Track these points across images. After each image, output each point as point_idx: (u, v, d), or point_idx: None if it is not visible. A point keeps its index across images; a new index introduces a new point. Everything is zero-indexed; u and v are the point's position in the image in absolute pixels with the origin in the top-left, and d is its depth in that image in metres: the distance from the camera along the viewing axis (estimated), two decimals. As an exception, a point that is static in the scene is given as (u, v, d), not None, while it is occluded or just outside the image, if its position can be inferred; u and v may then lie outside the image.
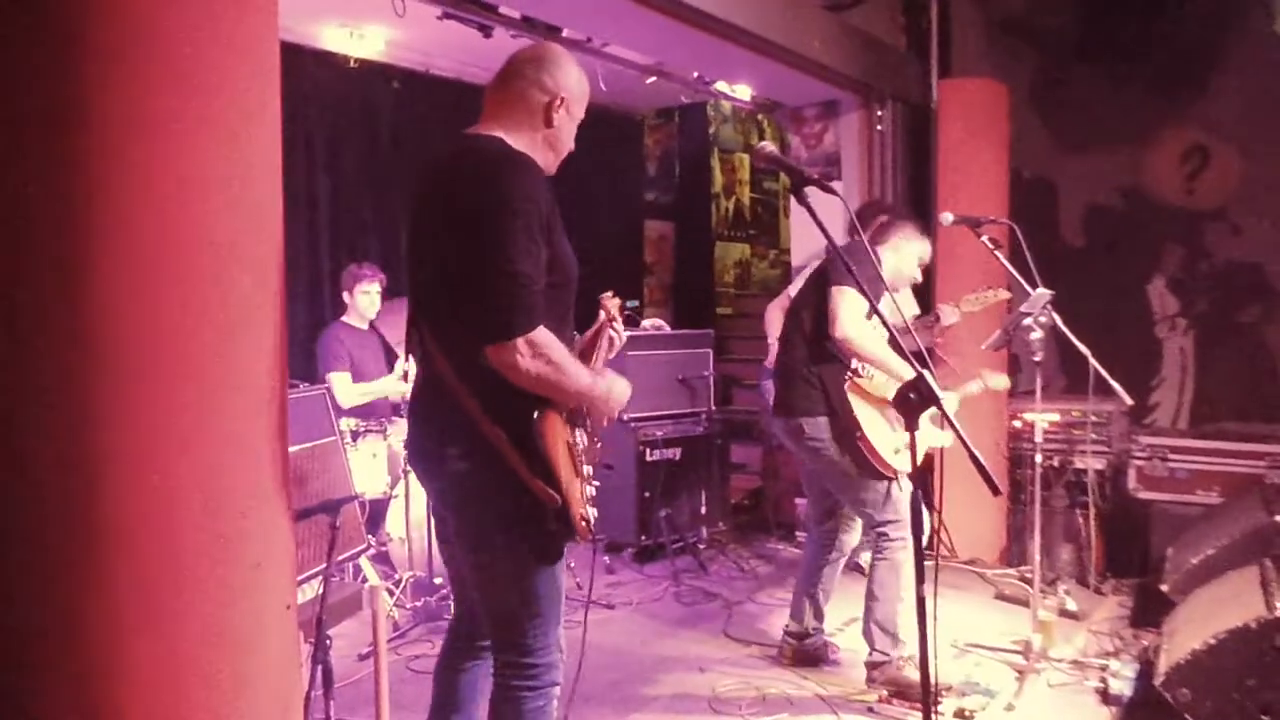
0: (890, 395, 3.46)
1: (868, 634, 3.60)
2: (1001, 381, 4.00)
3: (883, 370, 3.41)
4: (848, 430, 3.41)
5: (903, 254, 3.70)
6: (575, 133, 2.31)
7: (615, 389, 2.25)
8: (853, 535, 3.86)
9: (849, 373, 3.47)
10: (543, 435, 2.07)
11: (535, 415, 2.08)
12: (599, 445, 2.35)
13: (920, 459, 3.44)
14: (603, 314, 2.51)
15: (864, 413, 3.43)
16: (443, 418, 2.15)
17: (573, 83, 2.25)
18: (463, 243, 2.05)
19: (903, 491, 3.45)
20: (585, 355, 2.44)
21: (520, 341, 1.99)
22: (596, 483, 2.28)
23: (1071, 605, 4.40)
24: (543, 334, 2.02)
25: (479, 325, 2.02)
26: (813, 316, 3.53)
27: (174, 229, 1.76)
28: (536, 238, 2.02)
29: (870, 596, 3.58)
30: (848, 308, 3.34)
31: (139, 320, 1.73)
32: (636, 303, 2.58)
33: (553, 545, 2.17)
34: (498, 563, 2.19)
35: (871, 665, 3.60)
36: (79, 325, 1.70)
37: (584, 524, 2.13)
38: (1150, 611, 4.22)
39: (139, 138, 1.72)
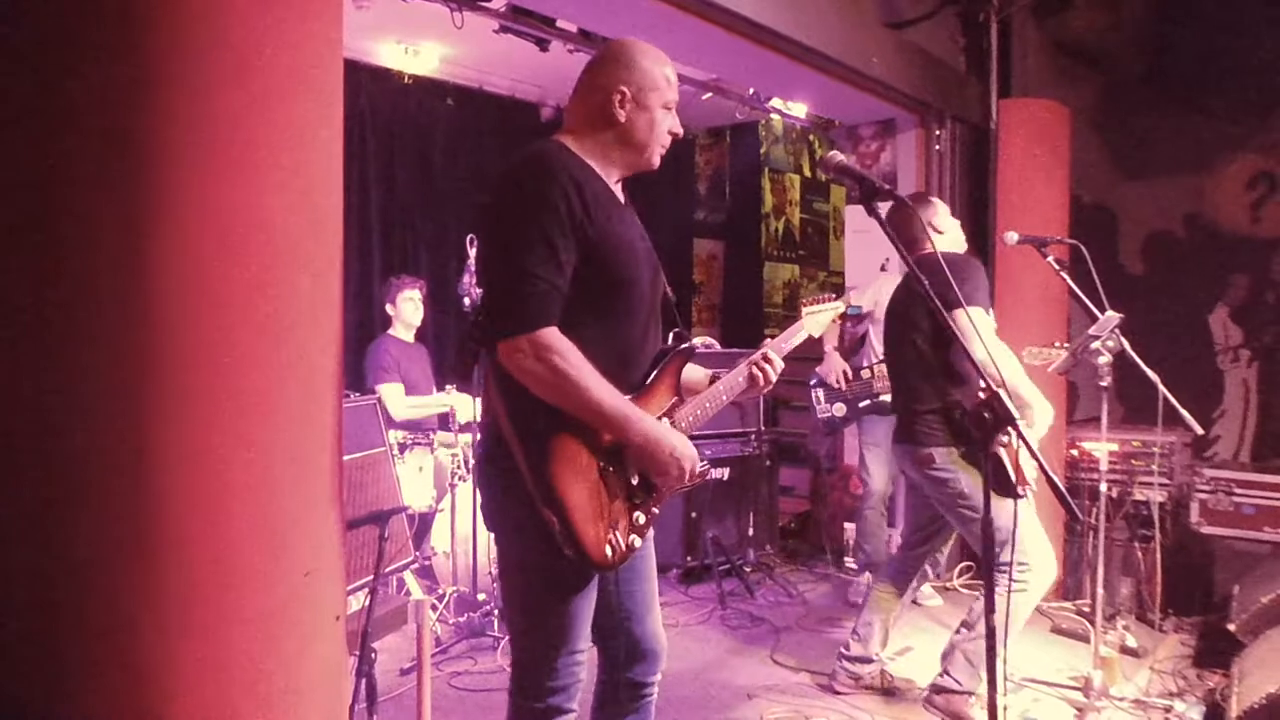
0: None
1: (948, 656, 3.44)
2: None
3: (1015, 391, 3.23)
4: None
5: (956, 232, 3.57)
6: (661, 120, 2.16)
7: (662, 441, 2.00)
8: (942, 562, 3.72)
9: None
10: (548, 450, 1.92)
11: (544, 425, 1.93)
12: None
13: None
14: (766, 343, 2.42)
15: None
16: (485, 428, 2.13)
17: (636, 74, 2.14)
18: (482, 244, 2.09)
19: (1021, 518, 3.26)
20: (696, 386, 2.31)
21: (523, 340, 1.88)
22: (655, 510, 2.10)
23: (1132, 642, 4.25)
24: (551, 335, 1.90)
25: (489, 322, 1.97)
26: (928, 341, 3.37)
27: (234, 228, 1.73)
28: (553, 237, 1.91)
29: (967, 625, 3.43)
30: (984, 329, 3.16)
31: (195, 321, 1.70)
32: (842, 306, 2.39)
33: (564, 571, 1.99)
34: (511, 581, 2.12)
35: (937, 690, 3.43)
36: (134, 326, 1.67)
37: (603, 551, 1.95)
38: (1216, 651, 4.06)
39: (201, 132, 1.69)
